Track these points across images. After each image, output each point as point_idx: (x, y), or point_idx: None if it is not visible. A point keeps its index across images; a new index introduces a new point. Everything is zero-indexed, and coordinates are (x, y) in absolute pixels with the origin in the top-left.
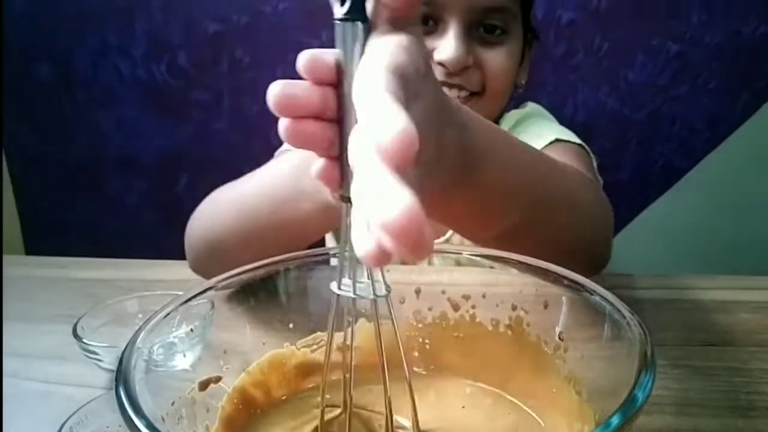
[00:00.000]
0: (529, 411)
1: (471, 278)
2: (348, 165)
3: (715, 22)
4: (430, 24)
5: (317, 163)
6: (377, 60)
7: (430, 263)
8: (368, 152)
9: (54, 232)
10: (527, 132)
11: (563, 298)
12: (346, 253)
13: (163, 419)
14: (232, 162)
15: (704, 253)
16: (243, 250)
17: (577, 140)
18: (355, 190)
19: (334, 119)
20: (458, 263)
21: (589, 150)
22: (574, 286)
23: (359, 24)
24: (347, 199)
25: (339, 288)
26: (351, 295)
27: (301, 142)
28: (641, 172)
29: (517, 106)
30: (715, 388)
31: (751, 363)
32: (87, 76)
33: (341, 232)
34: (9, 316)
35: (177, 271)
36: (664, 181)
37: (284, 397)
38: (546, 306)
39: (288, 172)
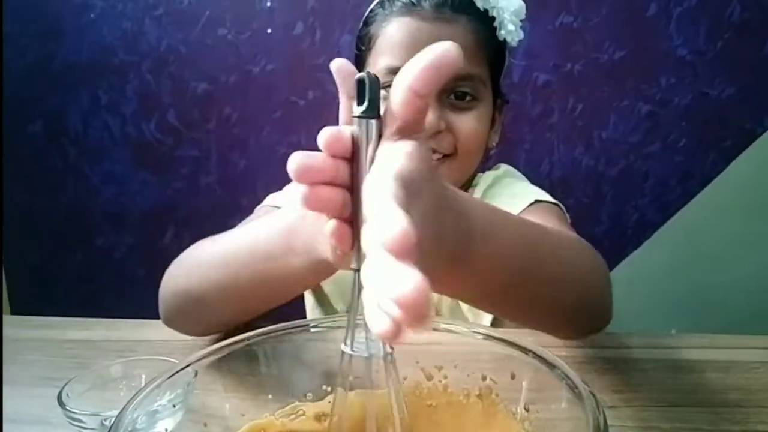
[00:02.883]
0: None
1: (447, 338)
2: (359, 238)
3: (683, 85)
4: None
5: (330, 223)
6: (387, 168)
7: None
8: (376, 246)
9: (40, 286)
10: (505, 193)
11: (528, 371)
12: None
13: None
14: (218, 216)
15: (679, 306)
16: (222, 303)
17: (552, 199)
18: (366, 276)
19: (346, 186)
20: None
21: (562, 207)
22: (539, 359)
23: (373, 121)
24: (357, 270)
25: (352, 349)
26: (361, 354)
27: (316, 205)
28: (617, 226)
29: (491, 167)
30: None
31: (717, 424)
32: (78, 132)
33: (351, 298)
34: None
35: (161, 331)
36: (639, 234)
37: None
38: (513, 377)
39: (279, 228)
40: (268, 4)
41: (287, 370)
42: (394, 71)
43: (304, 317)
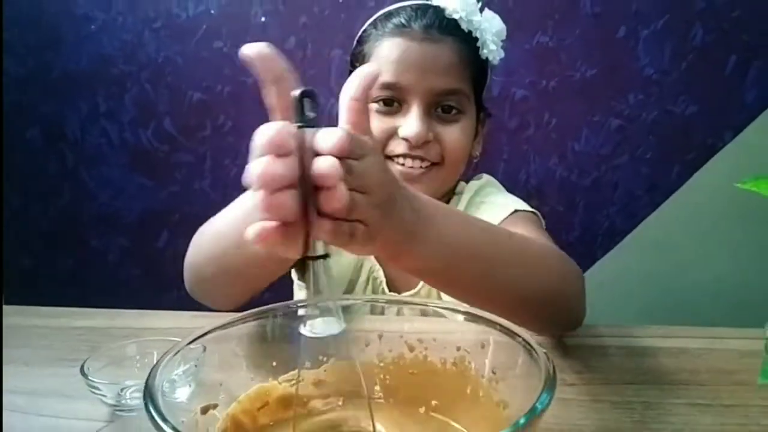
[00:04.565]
0: None
1: (427, 327)
2: (313, 229)
3: (650, 102)
4: (395, 105)
5: (254, 226)
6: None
7: (399, 313)
8: None
9: (36, 287)
10: (488, 201)
11: (496, 341)
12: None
13: None
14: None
15: (646, 307)
16: (214, 285)
17: (530, 208)
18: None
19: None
20: (424, 313)
21: (539, 215)
22: (504, 331)
23: (313, 129)
24: (311, 258)
25: (310, 331)
26: (318, 335)
27: (278, 213)
28: (588, 232)
29: (473, 176)
30: (630, 419)
31: (663, 399)
32: (76, 138)
33: (307, 285)
34: (14, 360)
35: (165, 319)
36: (609, 241)
37: (271, 424)
38: (483, 346)
39: (239, 214)
40: (262, 19)
41: (291, 342)
42: (387, 87)
43: None
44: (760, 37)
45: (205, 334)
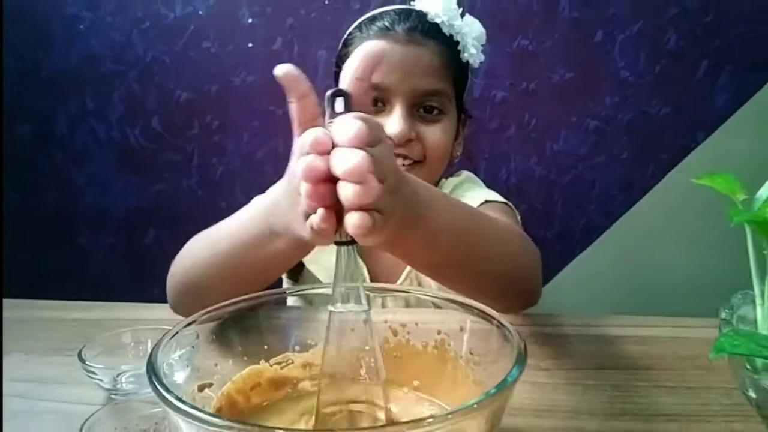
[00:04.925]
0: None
1: (410, 317)
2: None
3: (625, 104)
4: (378, 105)
5: (319, 212)
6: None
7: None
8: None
9: (24, 283)
10: (462, 196)
11: (473, 325)
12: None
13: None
14: (198, 218)
15: (621, 301)
16: (215, 289)
17: (503, 199)
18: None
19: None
20: (407, 302)
21: (512, 206)
22: (481, 315)
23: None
24: (342, 243)
25: (339, 309)
26: (347, 310)
27: (319, 201)
28: (567, 230)
29: (453, 174)
30: (599, 400)
31: (630, 381)
32: (64, 136)
33: (335, 268)
34: (15, 350)
35: (157, 312)
36: (586, 238)
37: (264, 404)
38: (461, 330)
39: (258, 216)
40: (250, 20)
41: (282, 326)
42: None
43: None
44: (731, 43)
45: (199, 319)
